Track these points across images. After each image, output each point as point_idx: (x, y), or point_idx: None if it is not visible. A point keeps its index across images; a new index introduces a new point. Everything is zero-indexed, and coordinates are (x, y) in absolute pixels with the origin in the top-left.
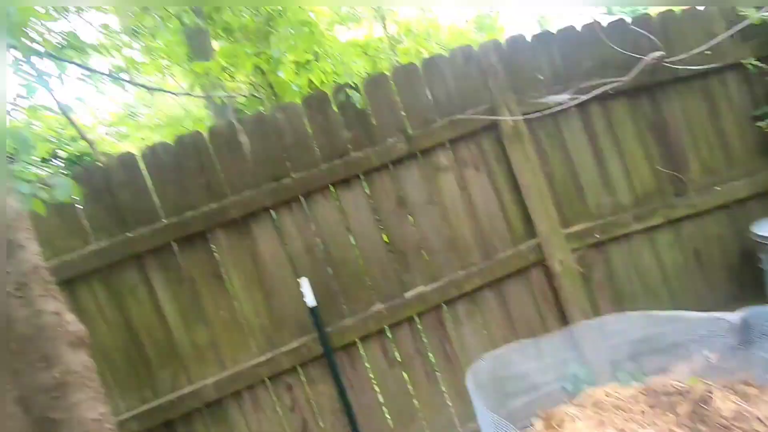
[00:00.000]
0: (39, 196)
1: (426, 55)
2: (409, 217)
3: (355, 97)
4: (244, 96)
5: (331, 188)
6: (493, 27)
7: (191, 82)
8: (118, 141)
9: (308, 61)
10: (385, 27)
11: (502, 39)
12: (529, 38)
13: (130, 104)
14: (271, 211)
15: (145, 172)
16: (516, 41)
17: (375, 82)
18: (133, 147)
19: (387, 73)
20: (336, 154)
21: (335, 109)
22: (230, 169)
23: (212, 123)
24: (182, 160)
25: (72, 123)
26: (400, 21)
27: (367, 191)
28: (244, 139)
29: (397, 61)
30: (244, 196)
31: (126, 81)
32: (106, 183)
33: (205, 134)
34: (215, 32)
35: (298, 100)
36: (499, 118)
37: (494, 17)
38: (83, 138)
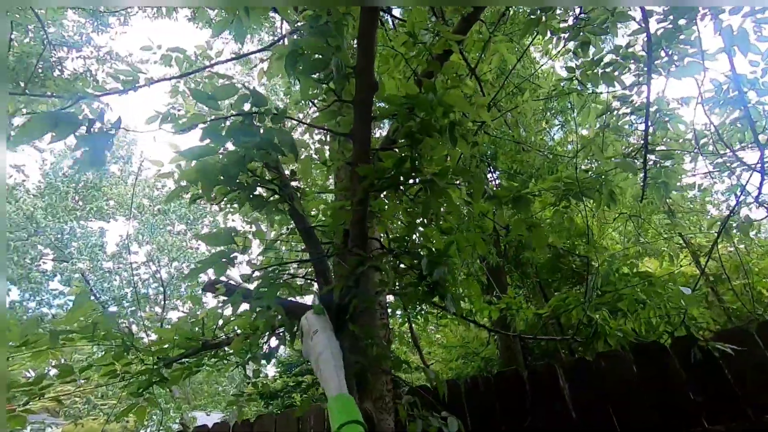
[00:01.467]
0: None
1: None
2: None
3: (702, 352)
4: (556, 338)
5: None
6: None
7: (483, 314)
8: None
9: (635, 310)
10: (699, 262)
11: None
12: None
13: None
14: None
15: (464, 400)
16: None
17: (733, 337)
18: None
19: (745, 327)
20: (681, 420)
21: (677, 364)
22: (549, 412)
23: (498, 357)
24: (499, 395)
25: (419, 352)
26: (718, 254)
27: None
28: (563, 383)
29: (732, 309)
30: None
31: (471, 321)
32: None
33: (524, 373)
34: (510, 268)
35: (614, 346)
36: None
37: None
38: (424, 366)
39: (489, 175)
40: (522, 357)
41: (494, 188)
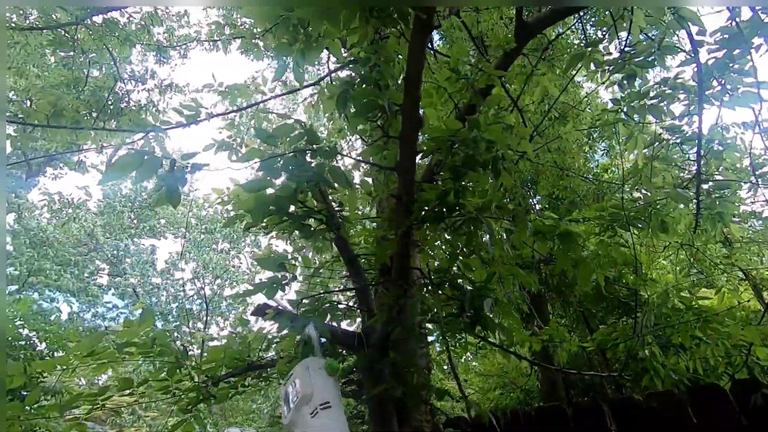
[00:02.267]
0: None
1: None
2: None
3: (765, 399)
4: (602, 374)
5: None
6: None
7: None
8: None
9: (689, 347)
10: (762, 295)
11: None
12: None
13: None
14: None
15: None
16: None
17: None
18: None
19: None
20: None
21: (736, 408)
22: None
23: (538, 388)
24: (540, 430)
25: (457, 381)
26: None
27: None
28: (610, 422)
29: None
30: None
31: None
32: None
33: (569, 410)
34: (549, 296)
35: (666, 387)
36: None
37: None
38: (462, 395)
39: (530, 201)
40: (564, 391)
41: (536, 218)
